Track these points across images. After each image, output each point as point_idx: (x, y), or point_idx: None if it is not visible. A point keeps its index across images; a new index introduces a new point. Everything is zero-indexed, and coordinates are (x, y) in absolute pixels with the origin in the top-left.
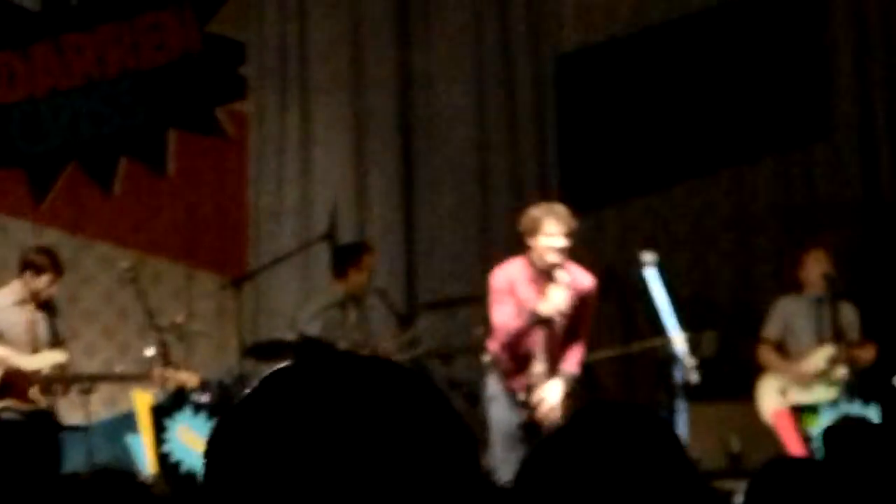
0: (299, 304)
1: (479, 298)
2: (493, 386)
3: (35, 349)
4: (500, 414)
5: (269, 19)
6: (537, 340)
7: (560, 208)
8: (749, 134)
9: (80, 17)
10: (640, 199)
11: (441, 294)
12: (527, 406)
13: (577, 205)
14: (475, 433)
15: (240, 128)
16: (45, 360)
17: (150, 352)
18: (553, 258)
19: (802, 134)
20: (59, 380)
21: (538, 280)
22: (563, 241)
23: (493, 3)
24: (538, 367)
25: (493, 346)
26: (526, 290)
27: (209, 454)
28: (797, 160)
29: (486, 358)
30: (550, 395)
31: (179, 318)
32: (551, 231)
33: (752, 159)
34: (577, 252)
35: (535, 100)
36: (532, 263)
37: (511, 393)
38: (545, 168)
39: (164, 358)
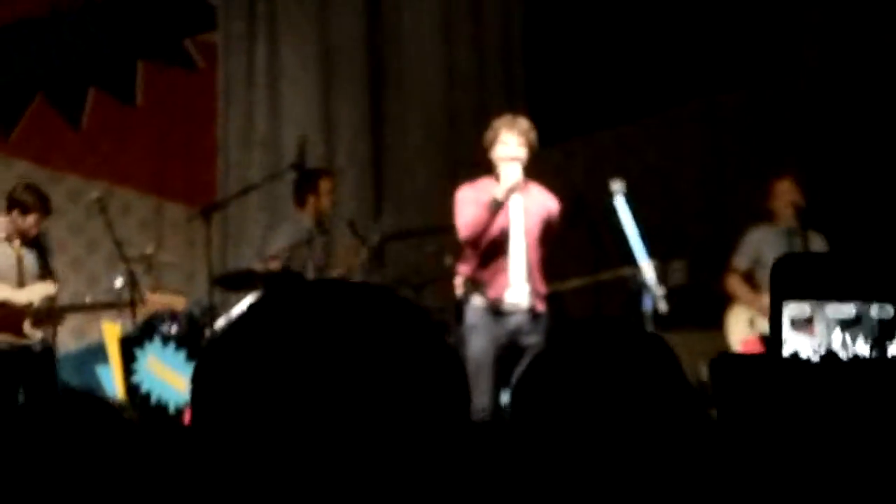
0: (266, 233)
1: (447, 229)
2: (472, 315)
3: (22, 284)
4: (477, 345)
5: None
6: (513, 254)
7: (521, 119)
8: (720, 64)
9: None
10: (610, 129)
11: (409, 224)
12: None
13: (546, 135)
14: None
15: (209, 59)
16: (35, 293)
17: (118, 283)
18: (510, 167)
19: (772, 63)
20: (51, 311)
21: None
22: (519, 150)
23: None
24: (516, 275)
25: (465, 267)
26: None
27: (195, 389)
28: (769, 90)
29: (460, 288)
30: None
31: (148, 249)
32: (507, 140)
33: (723, 89)
34: (546, 181)
35: (503, 30)
36: (498, 179)
37: (494, 308)
38: (513, 99)
39: (133, 289)
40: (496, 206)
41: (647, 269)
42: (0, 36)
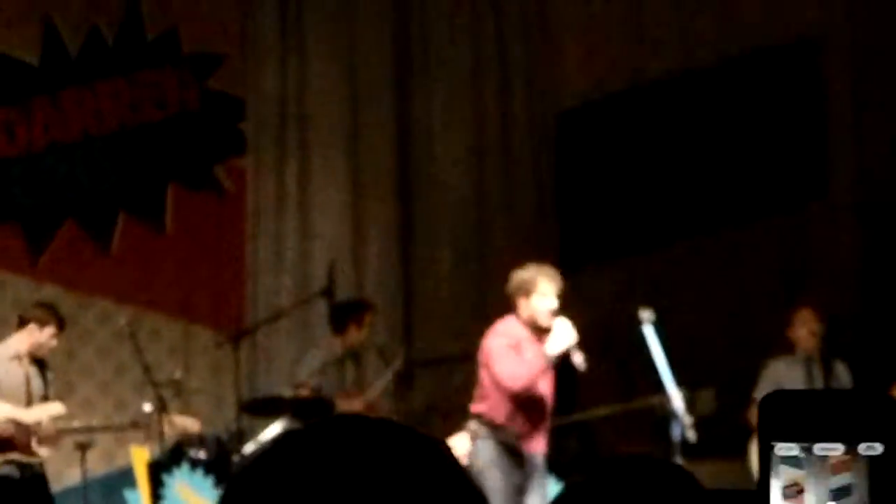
0: (297, 359)
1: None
2: (488, 451)
3: (29, 402)
4: (498, 479)
5: (268, 76)
6: (546, 395)
7: (550, 269)
8: (748, 192)
9: (79, 72)
10: (638, 256)
11: (438, 351)
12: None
13: (576, 261)
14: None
15: (238, 184)
16: (45, 412)
17: (147, 408)
18: (546, 319)
19: (799, 193)
20: (61, 431)
21: (534, 339)
22: (555, 302)
23: (493, 59)
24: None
25: (484, 407)
26: (530, 348)
27: None
28: (795, 219)
29: (473, 425)
30: None
31: (177, 374)
32: (545, 291)
33: (750, 218)
34: (574, 307)
35: (534, 155)
36: (525, 324)
37: (513, 451)
38: (544, 224)
39: (161, 414)
40: (552, 361)
41: (676, 397)
42: (33, 160)
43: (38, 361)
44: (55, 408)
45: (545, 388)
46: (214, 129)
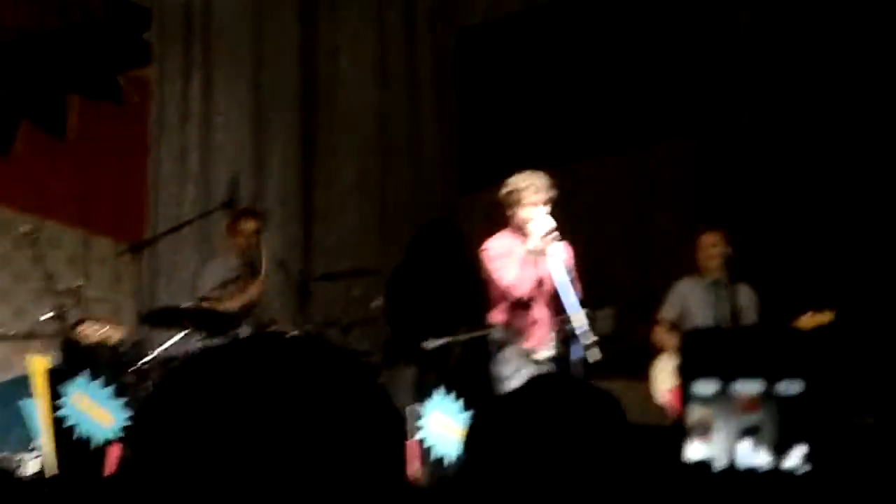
0: (197, 272)
1: (376, 271)
2: (508, 368)
3: None
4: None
5: None
6: (541, 301)
7: (539, 176)
8: (650, 113)
9: None
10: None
11: (339, 265)
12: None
13: (476, 179)
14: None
15: (142, 94)
16: None
17: (45, 316)
18: (542, 214)
19: (704, 116)
20: None
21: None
22: (544, 210)
23: None
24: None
25: (500, 316)
26: (520, 253)
27: (135, 436)
28: (698, 141)
29: (496, 334)
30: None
31: (76, 283)
32: (533, 200)
33: (654, 139)
34: (475, 226)
35: (438, 73)
36: (518, 234)
37: (528, 357)
38: (445, 142)
39: (61, 323)
40: (536, 254)
41: (578, 317)
42: None
43: None
44: None
45: (545, 288)
46: (119, 37)
